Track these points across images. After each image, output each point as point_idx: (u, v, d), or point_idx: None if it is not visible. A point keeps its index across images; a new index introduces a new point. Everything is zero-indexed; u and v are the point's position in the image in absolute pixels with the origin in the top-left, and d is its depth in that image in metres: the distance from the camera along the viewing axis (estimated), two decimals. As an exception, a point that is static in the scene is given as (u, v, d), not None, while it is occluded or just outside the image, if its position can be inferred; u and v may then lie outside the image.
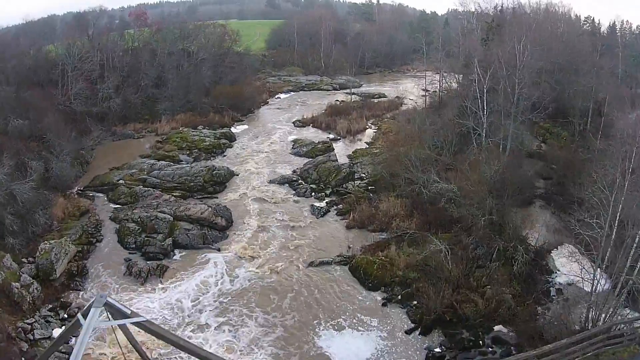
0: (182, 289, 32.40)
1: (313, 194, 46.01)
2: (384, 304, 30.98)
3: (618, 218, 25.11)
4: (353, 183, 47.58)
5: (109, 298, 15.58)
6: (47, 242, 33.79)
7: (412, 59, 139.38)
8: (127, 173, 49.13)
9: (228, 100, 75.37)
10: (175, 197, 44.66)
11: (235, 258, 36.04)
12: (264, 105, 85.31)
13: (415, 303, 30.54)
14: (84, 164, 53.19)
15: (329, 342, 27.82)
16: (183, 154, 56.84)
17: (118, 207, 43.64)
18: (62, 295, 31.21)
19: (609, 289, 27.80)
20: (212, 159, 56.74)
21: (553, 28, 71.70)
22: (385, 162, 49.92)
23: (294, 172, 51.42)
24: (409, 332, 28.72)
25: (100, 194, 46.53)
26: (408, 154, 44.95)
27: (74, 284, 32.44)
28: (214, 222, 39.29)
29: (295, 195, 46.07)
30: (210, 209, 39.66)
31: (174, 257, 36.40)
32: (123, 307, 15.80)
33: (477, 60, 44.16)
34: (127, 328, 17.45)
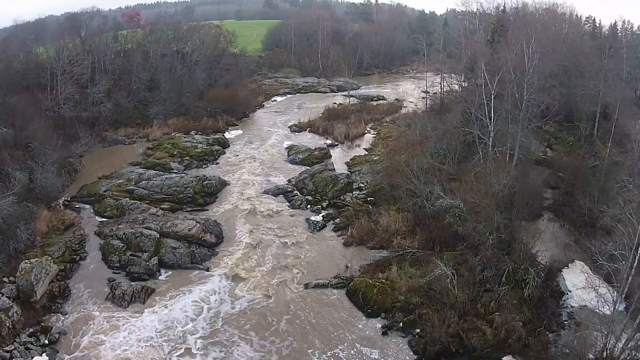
0: (168, 314, 30.10)
1: (309, 206, 43.57)
2: (384, 333, 28.62)
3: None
4: (351, 194, 45.16)
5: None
6: (27, 261, 31.59)
7: (411, 60, 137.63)
8: (114, 183, 46.69)
9: (222, 104, 73.01)
10: (164, 210, 42.29)
11: (225, 279, 33.63)
12: (260, 109, 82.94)
13: (418, 331, 28.21)
14: (72, 173, 50.90)
15: (325, 378, 25.50)
16: (174, 162, 54.49)
17: (104, 220, 41.36)
18: (43, 319, 29.23)
19: (626, 317, 25.85)
20: (204, 167, 54.43)
21: (557, 29, 69.54)
22: (385, 171, 47.62)
23: (289, 181, 49.00)
24: (412, 365, 26.37)
25: (87, 206, 44.23)
26: (409, 164, 42.56)
27: (56, 306, 30.44)
28: (203, 238, 36.89)
29: (290, 208, 43.66)
30: (199, 225, 37.21)
31: (160, 277, 33.98)
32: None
33: (484, 65, 41.58)
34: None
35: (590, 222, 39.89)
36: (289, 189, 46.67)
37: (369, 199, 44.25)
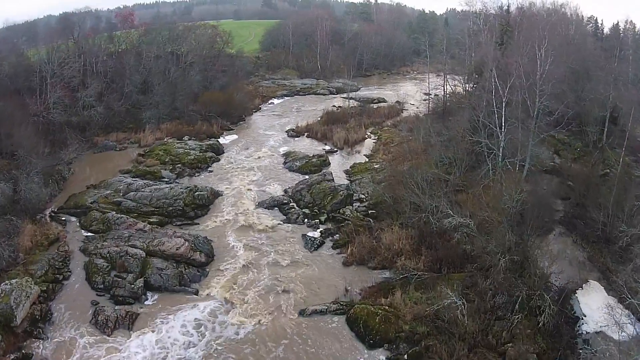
0: (154, 342, 27.73)
1: (306, 221, 40.96)
2: (388, 367, 26.15)
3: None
4: (351, 207, 42.51)
5: None
6: (8, 282, 29.56)
7: (411, 61, 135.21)
8: (101, 195, 44.21)
9: (217, 108, 70.45)
10: (152, 224, 39.77)
11: (216, 303, 31.11)
12: (256, 112, 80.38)
13: (425, 366, 25.73)
14: (60, 181, 48.60)
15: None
16: (165, 170, 52.01)
17: (90, 235, 38.92)
18: (23, 345, 27.26)
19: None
20: (196, 175, 51.97)
21: (565, 31, 67.16)
22: (387, 181, 45.20)
23: (285, 192, 46.46)
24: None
25: (73, 218, 41.82)
26: (413, 174, 40.07)
27: (37, 331, 28.33)
28: (192, 258, 34.40)
29: (286, 222, 41.07)
30: (187, 244, 34.67)
31: (146, 301, 31.44)
32: None
33: (494, 69, 38.88)
34: None
35: (604, 236, 37.52)
36: (285, 201, 44.11)
37: (370, 212, 41.72)
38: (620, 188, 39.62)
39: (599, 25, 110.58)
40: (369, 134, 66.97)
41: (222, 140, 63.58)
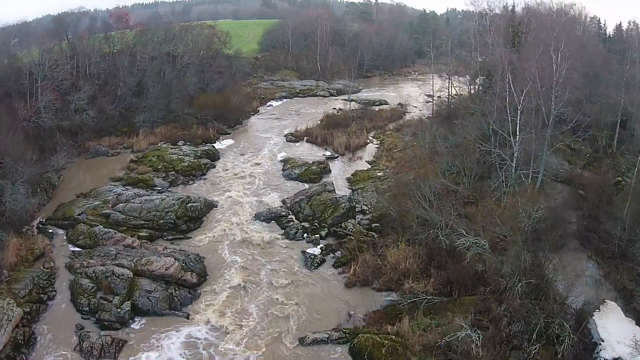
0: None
1: (305, 235, 38.41)
2: (396, 406, 23.71)
3: None
4: (354, 221, 39.98)
5: None
6: (-12, 305, 27.28)
7: (413, 61, 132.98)
8: (89, 206, 41.67)
9: (213, 111, 67.87)
10: (142, 238, 37.37)
11: (208, 329, 28.67)
12: (254, 115, 77.77)
13: (436, 405, 23.31)
14: (49, 190, 46.40)
15: None
16: (158, 177, 49.59)
17: (76, 250, 36.55)
18: None
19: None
20: (190, 183, 49.56)
21: (574, 32, 64.63)
22: (391, 191, 42.74)
23: (284, 203, 43.94)
24: None
25: (61, 231, 39.52)
26: (419, 186, 37.57)
27: (20, 357, 26.30)
28: (183, 278, 31.91)
29: (284, 237, 38.56)
30: (177, 263, 32.16)
31: (133, 326, 29.03)
32: None
33: (510, 75, 36.25)
34: None
35: (620, 252, 35.13)
36: (283, 213, 41.55)
37: (374, 226, 39.28)
38: (635, 199, 37.19)
39: (602, 26, 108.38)
40: (371, 139, 64.60)
41: (218, 145, 61.18)
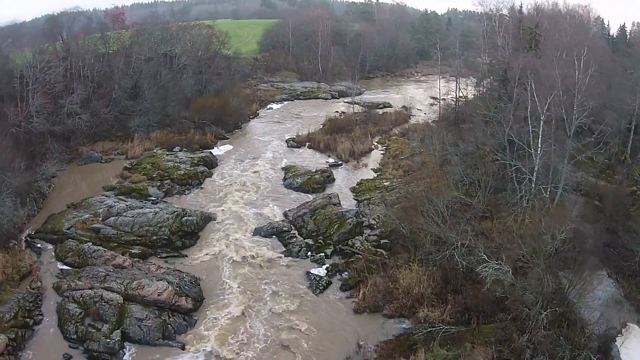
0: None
1: (309, 254, 35.62)
2: None
3: None
4: (361, 238, 37.21)
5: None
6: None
7: (415, 62, 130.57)
8: (79, 219, 38.98)
9: (211, 114, 65.44)
10: (133, 255, 34.73)
11: (204, 362, 26.00)
12: (254, 119, 75.25)
13: None
14: (39, 200, 43.87)
15: None
16: (153, 187, 46.93)
17: (65, 268, 33.90)
18: None
19: None
20: (186, 193, 46.89)
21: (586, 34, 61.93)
22: (400, 204, 40.08)
23: (286, 216, 41.21)
24: None
25: (49, 246, 36.88)
26: (432, 199, 34.88)
27: None
28: (177, 303, 29.20)
29: (287, 255, 35.76)
30: (171, 288, 29.40)
31: (124, 357, 26.45)
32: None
33: (532, 82, 33.38)
34: None
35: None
36: (285, 228, 38.73)
37: (383, 242, 36.53)
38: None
39: (606, 27, 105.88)
40: (376, 144, 62.02)
41: (215, 151, 58.50)
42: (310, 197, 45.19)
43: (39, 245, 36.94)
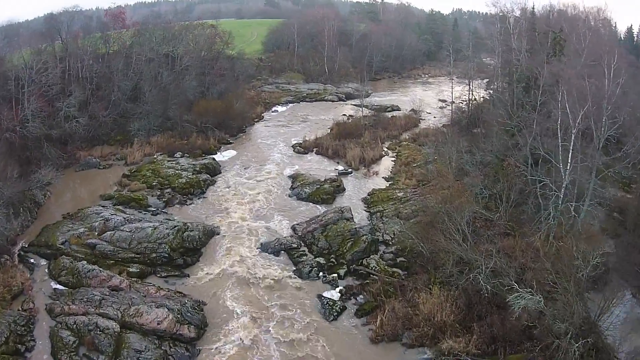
0: None
1: (321, 274, 33.09)
2: None
3: None
4: (376, 257, 34.67)
5: None
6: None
7: (422, 63, 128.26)
8: (74, 233, 36.56)
9: (214, 118, 63.04)
10: (131, 275, 32.46)
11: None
12: (258, 122, 72.89)
13: None
14: (34, 209, 41.75)
15: None
16: (153, 196, 44.69)
17: (58, 288, 31.54)
18: None
19: None
20: (188, 203, 44.50)
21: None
22: (416, 218, 37.65)
23: (294, 230, 38.69)
24: None
25: (43, 261, 34.59)
26: (451, 215, 32.40)
27: None
28: (179, 332, 26.76)
29: (297, 275, 33.27)
30: (172, 316, 26.93)
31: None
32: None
33: (565, 90, 30.65)
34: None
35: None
36: (295, 245, 36.21)
37: (399, 260, 34.06)
38: None
39: (613, 29, 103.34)
40: (386, 150, 59.56)
41: (218, 157, 56.09)
42: (320, 208, 42.87)
43: (32, 261, 34.74)
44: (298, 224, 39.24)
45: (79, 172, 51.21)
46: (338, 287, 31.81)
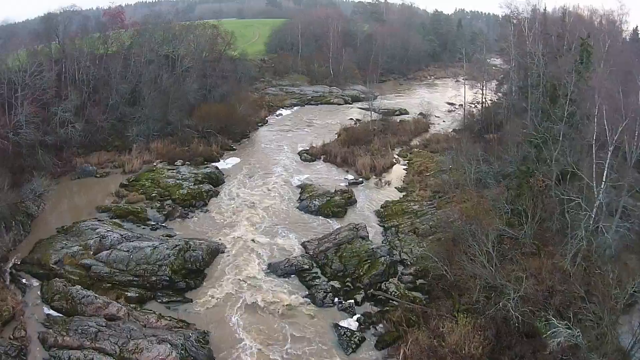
0: None
1: (336, 300, 30.48)
2: None
3: None
4: (396, 280, 32.04)
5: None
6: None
7: (427, 65, 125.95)
8: (68, 251, 34.06)
9: (216, 122, 60.72)
10: (129, 300, 29.95)
11: None
12: (262, 126, 70.42)
13: None
14: (27, 223, 39.34)
15: None
16: (152, 208, 42.44)
17: (52, 314, 29.03)
18: None
19: None
20: (189, 216, 42.08)
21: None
22: (434, 233, 35.10)
23: (305, 248, 36.07)
24: None
25: (35, 282, 32.12)
26: (474, 233, 29.85)
27: None
28: (183, 370, 24.21)
29: (309, 300, 30.65)
30: (175, 353, 24.32)
31: None
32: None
33: (604, 105, 27.97)
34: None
35: None
36: (306, 266, 33.54)
37: (419, 283, 31.48)
38: None
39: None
40: (397, 158, 57.04)
41: (221, 165, 53.63)
42: (331, 222, 40.42)
43: (25, 281, 32.37)
44: (309, 241, 36.62)
45: (75, 180, 49.00)
46: (355, 314, 29.21)
